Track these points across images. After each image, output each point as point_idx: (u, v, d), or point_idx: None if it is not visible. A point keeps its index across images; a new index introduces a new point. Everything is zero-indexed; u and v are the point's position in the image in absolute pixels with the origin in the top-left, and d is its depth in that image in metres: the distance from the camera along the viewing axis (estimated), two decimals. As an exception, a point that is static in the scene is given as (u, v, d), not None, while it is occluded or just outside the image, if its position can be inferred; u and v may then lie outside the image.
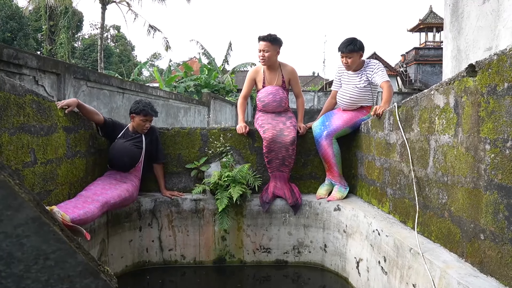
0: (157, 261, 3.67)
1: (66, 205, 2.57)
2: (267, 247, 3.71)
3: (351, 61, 3.52)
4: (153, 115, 3.47)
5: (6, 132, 2.19)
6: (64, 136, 2.92)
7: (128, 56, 42.40)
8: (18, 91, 2.34)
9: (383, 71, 3.53)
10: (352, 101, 3.62)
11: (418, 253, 2.13)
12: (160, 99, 9.21)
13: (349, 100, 3.63)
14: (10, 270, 0.58)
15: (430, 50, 31.14)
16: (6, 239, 0.55)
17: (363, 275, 3.01)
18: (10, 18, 30.44)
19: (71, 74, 4.90)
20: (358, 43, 3.50)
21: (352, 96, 3.61)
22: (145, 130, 3.49)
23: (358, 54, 3.52)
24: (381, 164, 3.12)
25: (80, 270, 0.65)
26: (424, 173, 2.40)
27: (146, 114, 3.43)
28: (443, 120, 2.18)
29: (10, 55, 3.61)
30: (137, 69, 21.79)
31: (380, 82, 3.46)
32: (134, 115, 3.45)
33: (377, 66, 3.56)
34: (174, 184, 3.90)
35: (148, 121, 3.48)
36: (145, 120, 3.45)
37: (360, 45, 3.51)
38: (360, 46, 3.51)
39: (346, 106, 3.68)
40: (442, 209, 2.19)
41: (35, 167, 2.51)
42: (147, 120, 3.46)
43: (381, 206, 3.14)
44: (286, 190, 3.66)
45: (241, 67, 23.14)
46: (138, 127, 3.47)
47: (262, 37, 3.70)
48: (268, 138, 3.59)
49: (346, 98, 3.64)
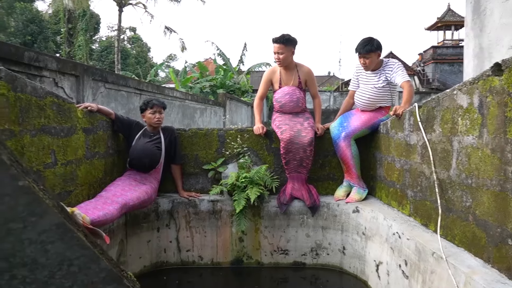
0: (175, 262, 3.68)
1: (86, 206, 2.60)
2: (284, 248, 3.68)
3: (369, 61, 3.47)
4: (158, 104, 3.51)
5: (27, 133, 2.22)
6: (83, 137, 2.95)
7: (144, 58, 42.86)
8: (39, 93, 2.37)
9: (403, 70, 3.46)
10: (371, 101, 3.57)
11: (441, 257, 2.07)
12: (177, 100, 9.27)
13: (368, 100, 3.57)
14: (34, 276, 0.58)
15: (448, 49, 30.56)
16: (31, 245, 0.55)
17: (383, 278, 2.95)
18: (30, 21, 31.14)
19: (90, 76, 4.96)
20: (375, 43, 3.44)
21: (370, 97, 3.55)
22: (158, 123, 3.51)
23: (376, 54, 3.46)
24: (401, 166, 3.06)
25: (104, 276, 0.64)
26: (446, 175, 2.34)
27: (152, 106, 3.48)
28: (466, 120, 2.12)
29: (31, 57, 3.67)
30: (153, 70, 22.02)
31: (400, 82, 3.39)
32: (143, 113, 3.52)
33: (397, 66, 3.49)
34: (191, 185, 3.90)
35: (157, 112, 3.50)
36: (154, 111, 3.48)
37: (377, 45, 3.45)
38: (378, 46, 3.45)
39: (364, 106, 3.62)
40: (466, 213, 2.12)
41: (56, 168, 2.54)
42: (155, 112, 3.49)
43: (401, 208, 3.08)
44: (304, 191, 3.63)
45: (256, 67, 23.14)
46: (150, 122, 3.50)
47: (275, 39, 3.67)
48: (285, 139, 3.56)
49: (365, 99, 3.59)
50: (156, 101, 3.53)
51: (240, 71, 22.95)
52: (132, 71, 28.85)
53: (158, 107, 3.50)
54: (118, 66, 19.66)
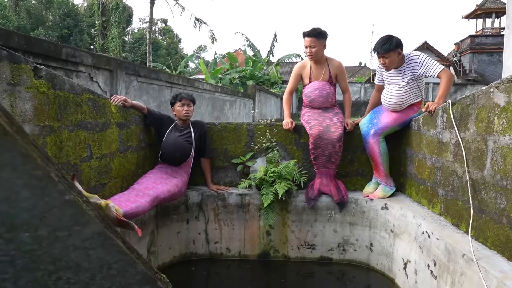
0: (203, 253, 3.78)
1: (120, 198, 2.71)
2: (311, 243, 3.70)
3: (388, 61, 3.31)
4: (187, 97, 3.58)
5: (65, 129, 2.33)
6: (117, 132, 3.06)
7: (175, 49, 43.47)
8: (76, 90, 2.47)
9: (432, 60, 3.27)
10: (398, 103, 3.42)
11: (472, 259, 2.03)
12: (207, 92, 9.38)
13: (395, 103, 3.43)
14: (77, 278, 0.64)
15: (487, 38, 29.23)
16: (75, 251, 0.60)
17: (411, 277, 2.92)
18: (67, 15, 32.23)
19: (123, 70, 5.11)
20: (394, 41, 3.27)
21: (397, 98, 3.40)
22: (187, 116, 3.58)
23: (396, 52, 3.28)
24: (432, 163, 3.00)
25: (139, 278, 0.69)
26: (480, 175, 2.28)
27: (181, 99, 3.57)
28: (503, 120, 2.05)
29: (68, 53, 3.82)
30: (184, 61, 22.30)
31: (436, 73, 3.19)
32: (173, 107, 3.61)
33: (423, 58, 3.30)
34: (220, 179, 3.97)
35: (186, 105, 3.57)
36: (182, 104, 3.56)
37: (396, 43, 3.27)
38: (397, 44, 3.27)
39: (392, 108, 3.49)
40: (500, 215, 2.07)
41: (91, 162, 2.66)
42: (184, 104, 3.56)
43: (431, 207, 3.03)
44: (332, 186, 3.62)
45: (286, 58, 22.99)
46: (180, 115, 3.58)
47: (307, 33, 3.64)
48: (314, 134, 3.56)
49: (392, 101, 3.45)
50: (185, 95, 3.61)
51: (269, 62, 22.89)
52: (163, 63, 29.34)
53: (187, 100, 3.58)
54: (150, 57, 20.02)
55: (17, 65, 1.90)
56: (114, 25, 26.04)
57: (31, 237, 0.55)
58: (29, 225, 0.54)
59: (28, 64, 1.98)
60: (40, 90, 2.08)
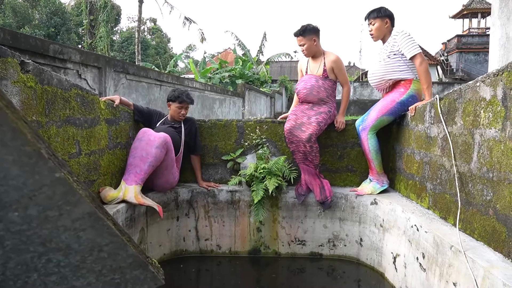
0: (194, 250, 3.77)
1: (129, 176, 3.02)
2: (302, 239, 3.71)
3: (375, 28, 3.31)
4: (188, 102, 3.57)
5: (53, 125, 2.30)
6: (106, 128, 3.04)
7: (164, 48, 43.20)
8: (64, 85, 2.44)
9: (411, 40, 3.18)
10: (377, 77, 3.39)
11: (460, 251, 2.06)
12: (196, 90, 9.34)
13: (374, 76, 3.42)
14: (68, 260, 0.63)
15: (474, 38, 29.67)
16: (65, 232, 0.59)
17: (400, 270, 2.95)
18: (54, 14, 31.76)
19: (112, 67, 5.06)
20: (383, 9, 3.28)
21: (377, 72, 3.38)
22: (181, 117, 3.58)
23: (383, 21, 3.27)
24: (420, 158, 3.03)
25: (131, 262, 0.68)
26: (467, 168, 2.32)
27: (181, 101, 3.54)
28: (489, 113, 2.08)
29: (56, 50, 3.77)
30: (173, 61, 22.17)
31: (410, 55, 3.16)
32: (171, 103, 3.59)
33: (402, 36, 3.21)
34: (210, 175, 3.96)
35: (184, 108, 3.57)
36: (181, 107, 3.55)
37: (385, 12, 3.27)
38: (386, 13, 3.27)
39: (373, 83, 3.48)
40: (487, 206, 2.10)
41: (80, 158, 2.63)
42: (182, 107, 3.56)
43: (420, 201, 3.06)
44: (315, 185, 3.60)
45: (276, 58, 23.04)
46: (174, 114, 3.57)
47: (295, 33, 3.68)
48: (286, 129, 3.60)
49: (372, 75, 3.46)
50: (187, 98, 3.58)
51: (259, 61, 22.90)
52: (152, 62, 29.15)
53: (186, 104, 3.57)
54: (139, 57, 19.87)
55: (4, 59, 1.87)
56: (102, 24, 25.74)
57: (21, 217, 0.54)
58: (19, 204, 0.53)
59: (15, 58, 1.96)
60: (28, 84, 2.05)
